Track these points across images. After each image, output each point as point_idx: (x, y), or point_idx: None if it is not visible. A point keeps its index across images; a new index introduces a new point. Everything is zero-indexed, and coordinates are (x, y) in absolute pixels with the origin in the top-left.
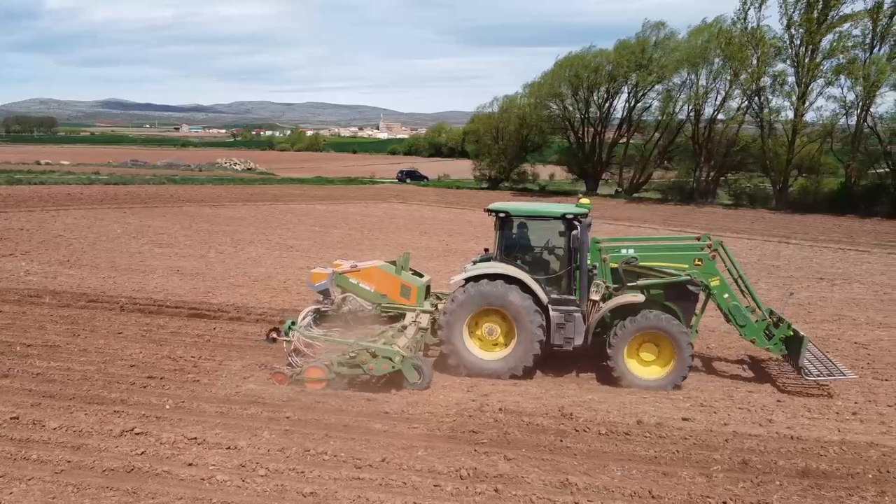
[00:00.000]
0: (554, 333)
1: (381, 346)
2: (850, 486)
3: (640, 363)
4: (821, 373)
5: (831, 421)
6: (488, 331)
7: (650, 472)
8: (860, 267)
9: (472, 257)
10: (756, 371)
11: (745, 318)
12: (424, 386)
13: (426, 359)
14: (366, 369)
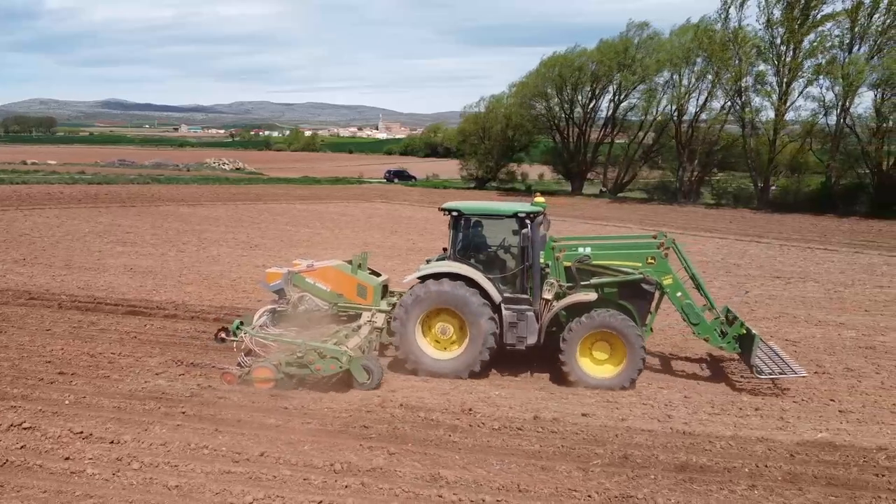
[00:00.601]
0: (506, 332)
1: (329, 347)
2: (724, 479)
3: (594, 362)
4: (772, 371)
5: (731, 416)
6: (441, 330)
7: (528, 466)
8: (822, 266)
9: (427, 256)
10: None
11: (698, 317)
12: (374, 386)
13: (376, 358)
14: (313, 370)
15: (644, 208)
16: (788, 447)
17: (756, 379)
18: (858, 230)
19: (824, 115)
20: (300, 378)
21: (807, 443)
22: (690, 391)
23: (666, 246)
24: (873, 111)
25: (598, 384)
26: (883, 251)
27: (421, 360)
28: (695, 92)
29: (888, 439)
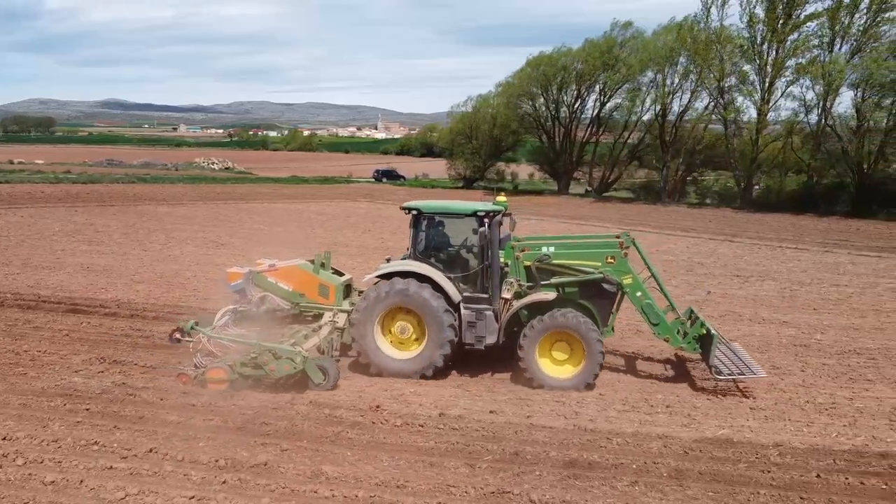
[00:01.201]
0: (465, 332)
1: (283, 347)
2: (608, 475)
3: (553, 362)
4: (731, 372)
5: (640, 414)
6: (401, 329)
7: (417, 463)
8: (786, 265)
9: (387, 255)
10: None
11: (658, 317)
12: (330, 386)
13: (332, 359)
14: (267, 370)
15: (627, 208)
16: (685, 444)
17: (716, 379)
18: (836, 229)
19: (805, 115)
20: (256, 379)
21: (705, 439)
22: (608, 388)
23: (626, 245)
24: (854, 111)
25: (557, 385)
26: (853, 250)
27: (379, 360)
28: (679, 91)
29: (788, 436)
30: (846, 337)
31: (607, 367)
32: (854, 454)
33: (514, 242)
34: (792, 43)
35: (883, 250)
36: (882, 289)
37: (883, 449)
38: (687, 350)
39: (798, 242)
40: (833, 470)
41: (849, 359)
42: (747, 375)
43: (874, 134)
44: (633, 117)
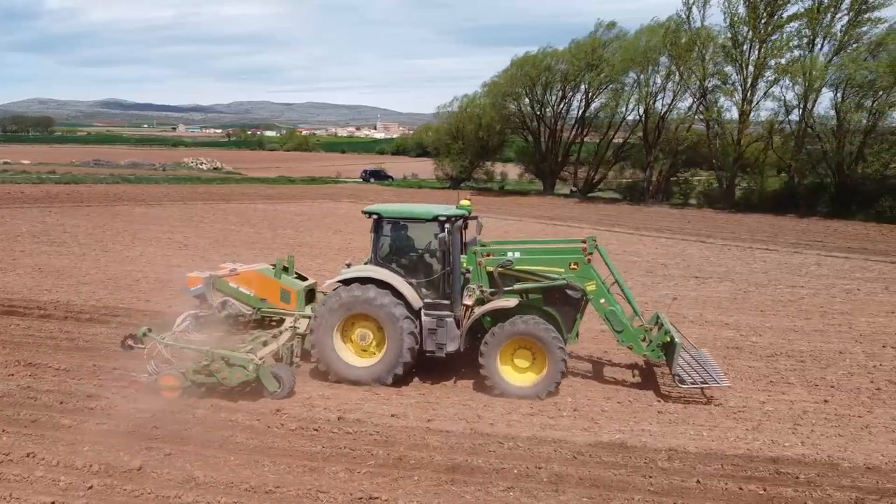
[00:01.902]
0: (426, 339)
1: (236, 355)
2: (486, 481)
3: (515, 370)
4: (694, 380)
5: (543, 417)
6: (361, 336)
7: (298, 468)
8: (750, 266)
9: (349, 257)
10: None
11: (621, 324)
12: (285, 395)
13: (288, 366)
14: (219, 378)
15: (609, 208)
16: (577, 448)
17: (679, 388)
18: (814, 230)
19: (786, 115)
20: (210, 386)
21: (599, 444)
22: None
23: (589, 251)
24: (833, 111)
25: (519, 393)
26: (823, 251)
27: (338, 368)
28: (662, 92)
29: (685, 440)
30: (783, 339)
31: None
32: (745, 459)
33: (477, 248)
34: (772, 43)
35: (853, 251)
36: (837, 290)
37: (776, 454)
38: (651, 358)
39: (770, 243)
40: (717, 475)
41: (777, 361)
42: (710, 384)
43: (853, 135)
44: (617, 118)
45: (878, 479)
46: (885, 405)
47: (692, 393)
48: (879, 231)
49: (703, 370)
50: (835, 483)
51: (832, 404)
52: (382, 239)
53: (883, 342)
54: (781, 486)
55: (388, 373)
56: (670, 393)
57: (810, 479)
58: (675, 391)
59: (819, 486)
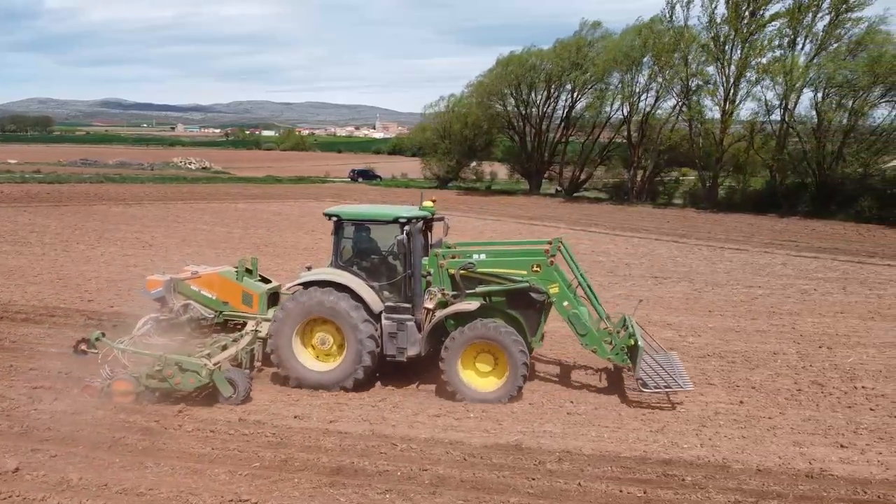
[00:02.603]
0: (386, 343)
1: (189, 360)
2: (367, 483)
3: (478, 374)
4: (658, 385)
5: (448, 419)
6: (321, 340)
7: (181, 469)
8: (716, 265)
9: (316, 256)
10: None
11: (585, 328)
12: (240, 400)
13: (242, 371)
14: (172, 384)
15: (591, 208)
16: (471, 450)
17: (643, 392)
18: (792, 230)
19: (767, 115)
20: (164, 392)
21: (495, 445)
22: (431, 394)
23: (552, 253)
24: (813, 111)
25: (480, 398)
26: (794, 251)
27: (298, 372)
28: (645, 92)
29: (583, 442)
30: (720, 340)
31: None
32: (637, 461)
33: (438, 250)
34: (753, 42)
35: (824, 251)
36: (793, 290)
37: (671, 456)
38: (615, 362)
39: (743, 243)
40: (603, 477)
41: (707, 362)
42: (674, 388)
43: (833, 135)
44: (602, 118)
45: (764, 482)
46: (799, 406)
47: (619, 393)
48: (857, 231)
49: (667, 374)
50: (720, 485)
51: (747, 406)
52: (343, 241)
53: (821, 343)
54: (664, 488)
55: (348, 377)
56: (638, 399)
57: (696, 482)
58: (641, 396)
59: (703, 489)
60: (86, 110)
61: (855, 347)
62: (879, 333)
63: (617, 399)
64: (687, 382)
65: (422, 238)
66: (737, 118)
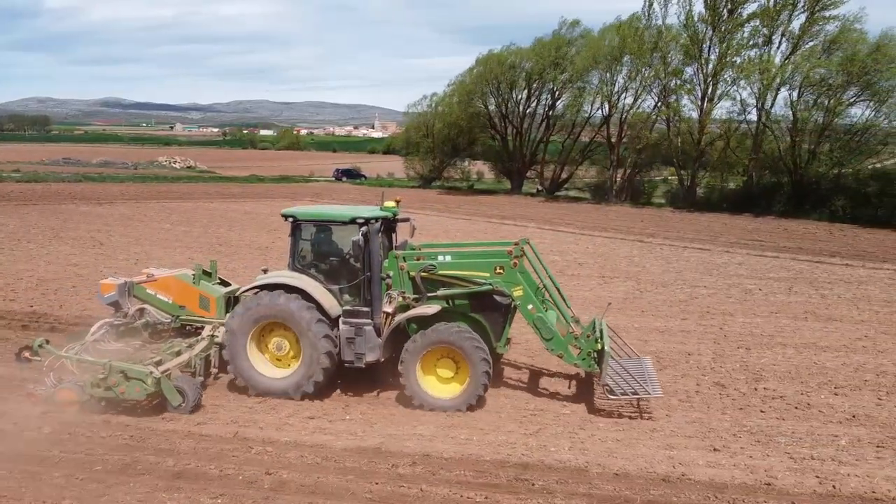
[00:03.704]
0: (344, 348)
1: (133, 367)
2: (203, 488)
3: (439, 380)
4: (625, 391)
5: (322, 422)
6: (277, 346)
7: (18, 472)
8: (670, 265)
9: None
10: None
11: (550, 332)
12: (189, 409)
13: (192, 379)
14: (117, 392)
15: (568, 207)
16: (329, 454)
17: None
18: (764, 229)
19: (744, 114)
20: (111, 400)
21: (356, 449)
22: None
23: (515, 254)
24: (789, 110)
25: (440, 405)
26: (757, 251)
27: (252, 379)
28: (624, 90)
29: (449, 445)
30: (639, 341)
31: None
32: (496, 465)
33: (398, 252)
34: (728, 41)
35: (787, 251)
36: (738, 290)
37: (531, 460)
38: (582, 367)
39: (708, 243)
40: (451, 482)
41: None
42: (641, 395)
43: (808, 134)
44: (582, 117)
45: (617, 487)
46: (690, 409)
47: (510, 395)
48: (829, 230)
49: (634, 380)
50: (569, 490)
51: (635, 408)
52: (301, 243)
53: (741, 344)
54: (509, 493)
55: (303, 385)
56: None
57: (546, 486)
58: (609, 403)
59: (550, 494)
60: (85, 110)
61: (774, 348)
62: (805, 334)
63: (511, 400)
64: (656, 389)
65: (384, 239)
66: (715, 117)
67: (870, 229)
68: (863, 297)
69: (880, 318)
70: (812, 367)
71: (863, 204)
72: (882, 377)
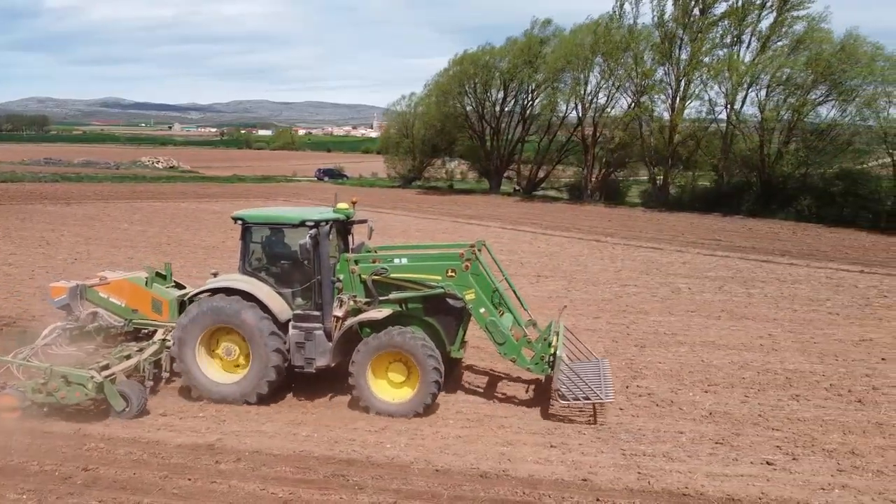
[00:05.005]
0: (294, 354)
1: (74, 371)
2: (10, 483)
3: (391, 385)
4: (576, 396)
5: (169, 419)
6: (226, 351)
7: None
8: (614, 264)
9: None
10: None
11: (503, 336)
12: (134, 414)
13: (137, 384)
14: (58, 398)
15: (541, 207)
16: (159, 450)
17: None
18: (728, 229)
19: (713, 114)
20: (53, 406)
21: (190, 445)
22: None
23: (467, 257)
24: (757, 109)
25: (390, 410)
26: (708, 250)
27: (201, 384)
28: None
29: (285, 443)
30: None
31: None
32: (321, 461)
33: (349, 255)
34: (699, 40)
35: (740, 249)
36: (667, 289)
37: (356, 456)
38: (534, 372)
39: (666, 242)
40: (266, 478)
41: (495, 363)
42: (593, 399)
43: (775, 134)
44: (557, 116)
45: (432, 483)
46: (547, 406)
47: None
48: (793, 230)
49: (585, 385)
50: (380, 486)
51: (491, 406)
52: (252, 246)
53: (640, 342)
54: (317, 488)
55: (252, 390)
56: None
57: (359, 482)
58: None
59: (361, 489)
60: (85, 110)
61: (670, 346)
62: (710, 332)
63: None
64: (608, 393)
65: (340, 242)
66: (686, 117)
67: (834, 229)
68: (789, 296)
69: (796, 316)
70: (696, 366)
71: (828, 204)
72: (762, 375)
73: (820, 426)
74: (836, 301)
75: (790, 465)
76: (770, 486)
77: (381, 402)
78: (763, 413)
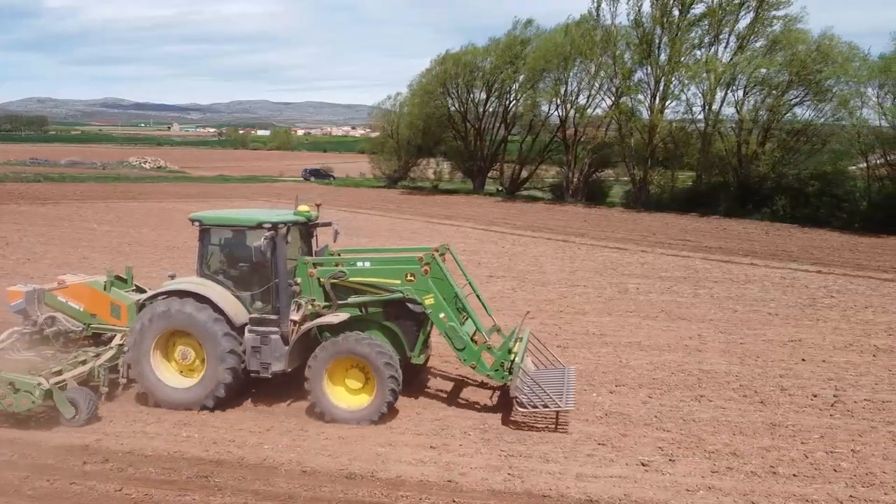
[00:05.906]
0: (250, 358)
1: (22, 378)
2: None
3: (349, 392)
4: (534, 403)
5: (105, 423)
6: (182, 355)
7: None
8: (571, 265)
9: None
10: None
11: (462, 342)
12: (83, 422)
13: (85, 390)
14: (4, 404)
15: (521, 207)
16: (34, 451)
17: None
18: (701, 229)
19: (691, 114)
20: (2, 413)
21: (66, 446)
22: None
23: (426, 262)
24: (734, 110)
25: (345, 417)
26: (671, 251)
27: (154, 389)
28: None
29: (163, 444)
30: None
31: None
32: (191, 462)
33: (307, 258)
34: (678, 41)
35: (705, 250)
36: (614, 289)
37: (231, 458)
38: (494, 379)
39: (631, 243)
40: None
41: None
42: (552, 407)
43: (751, 134)
44: (539, 116)
45: (291, 484)
46: (440, 409)
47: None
48: (766, 230)
49: (545, 392)
50: (241, 487)
51: (405, 408)
52: (210, 248)
53: (564, 343)
54: (173, 490)
55: (208, 395)
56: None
57: (220, 483)
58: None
59: (219, 490)
60: (85, 110)
61: (593, 347)
62: (640, 333)
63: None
64: (569, 401)
65: (303, 245)
66: (665, 117)
67: (807, 229)
68: (735, 297)
69: (734, 317)
70: (611, 367)
71: (803, 204)
72: (674, 376)
73: (712, 427)
74: (781, 301)
75: (664, 467)
76: (635, 488)
77: (338, 410)
78: (659, 414)
